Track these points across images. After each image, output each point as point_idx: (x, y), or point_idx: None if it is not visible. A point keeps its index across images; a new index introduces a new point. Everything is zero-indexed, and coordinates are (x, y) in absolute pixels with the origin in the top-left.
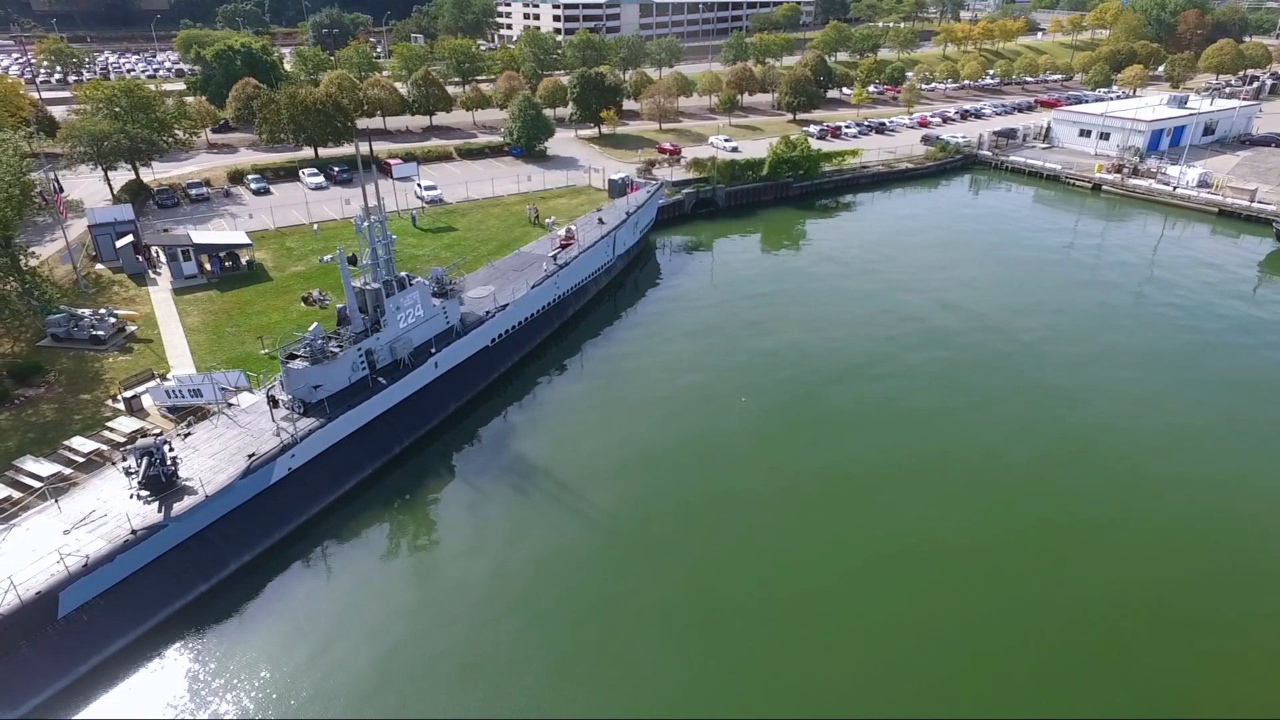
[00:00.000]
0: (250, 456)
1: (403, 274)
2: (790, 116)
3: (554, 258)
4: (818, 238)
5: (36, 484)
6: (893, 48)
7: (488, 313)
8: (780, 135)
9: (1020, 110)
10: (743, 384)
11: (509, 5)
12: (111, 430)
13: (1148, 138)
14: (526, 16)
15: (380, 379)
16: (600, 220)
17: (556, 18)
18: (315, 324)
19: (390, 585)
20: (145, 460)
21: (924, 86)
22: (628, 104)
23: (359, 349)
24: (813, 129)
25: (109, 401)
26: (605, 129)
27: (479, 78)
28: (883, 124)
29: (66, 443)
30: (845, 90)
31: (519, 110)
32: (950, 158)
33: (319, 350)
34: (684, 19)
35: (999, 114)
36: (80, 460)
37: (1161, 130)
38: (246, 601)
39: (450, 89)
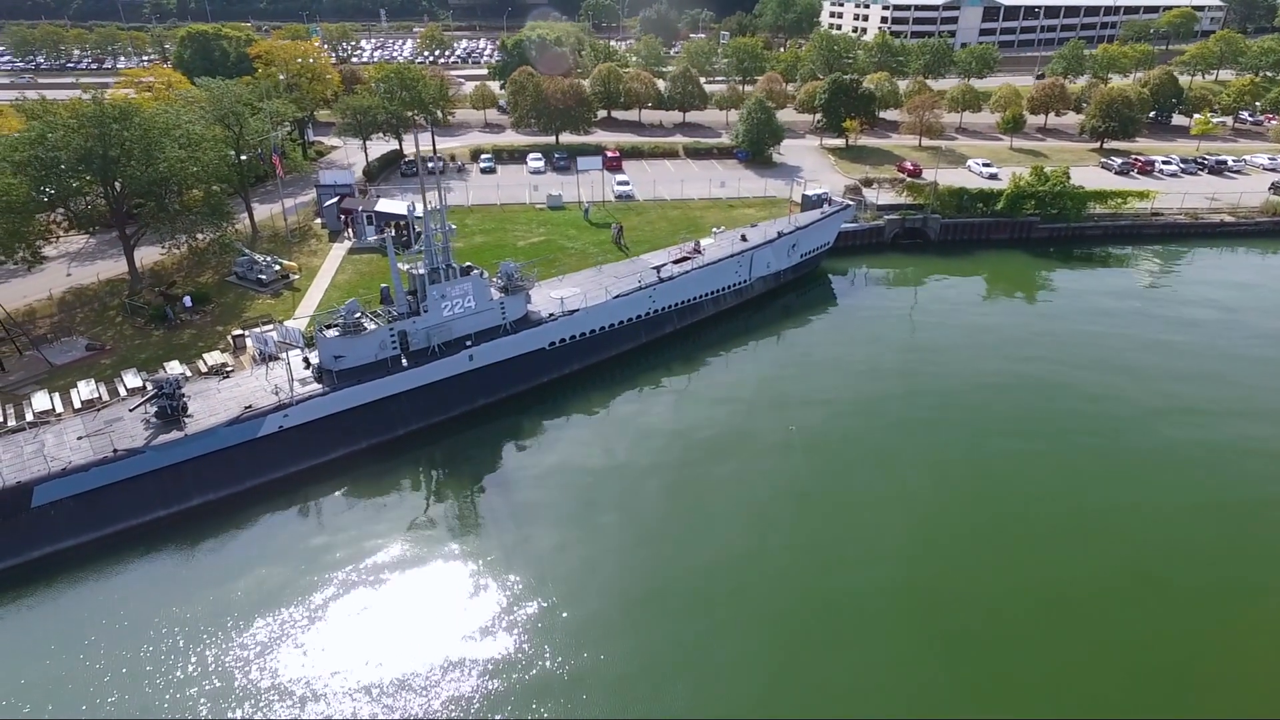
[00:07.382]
0: (247, 408)
1: (462, 265)
2: (1095, 144)
3: (657, 270)
4: (1073, 300)
5: (123, 394)
6: None
7: (551, 315)
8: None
9: None
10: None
11: (841, 6)
12: (202, 362)
13: None
14: (856, 18)
15: (404, 361)
16: (743, 237)
17: (885, 19)
18: (352, 299)
19: (336, 564)
20: (155, 391)
21: None
22: (894, 115)
23: (391, 329)
24: (1115, 161)
25: (229, 337)
26: (851, 140)
27: (757, 77)
28: (1223, 162)
29: (165, 364)
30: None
31: (748, 113)
32: None
33: (350, 324)
34: (1036, 24)
35: None
36: None
37: None
38: (198, 535)
39: (718, 88)
